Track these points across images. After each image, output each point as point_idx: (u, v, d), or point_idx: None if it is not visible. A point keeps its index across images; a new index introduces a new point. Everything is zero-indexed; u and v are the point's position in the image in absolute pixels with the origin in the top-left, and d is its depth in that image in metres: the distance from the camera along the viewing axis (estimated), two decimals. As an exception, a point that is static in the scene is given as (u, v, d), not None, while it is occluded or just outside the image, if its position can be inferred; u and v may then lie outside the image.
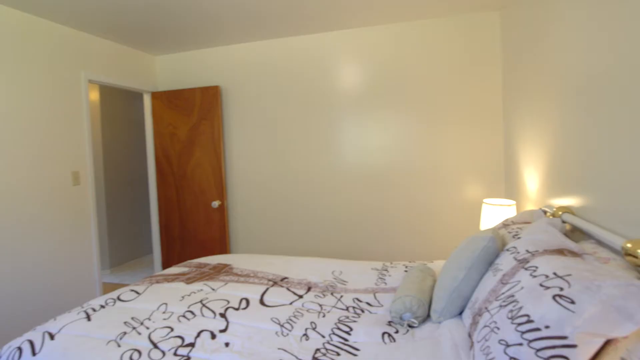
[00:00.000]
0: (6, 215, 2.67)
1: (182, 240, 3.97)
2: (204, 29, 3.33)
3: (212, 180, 3.84)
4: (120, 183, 5.04)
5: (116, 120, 5.00)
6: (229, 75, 3.88)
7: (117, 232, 4.94)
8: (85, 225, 3.26)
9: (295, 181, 3.70)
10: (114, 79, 3.59)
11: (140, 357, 1.41)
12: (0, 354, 1.54)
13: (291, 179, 3.71)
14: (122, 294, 2.01)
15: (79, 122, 3.25)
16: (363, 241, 3.55)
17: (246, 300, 1.92)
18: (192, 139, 3.89)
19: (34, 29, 2.89)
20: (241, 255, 2.74)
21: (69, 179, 3.13)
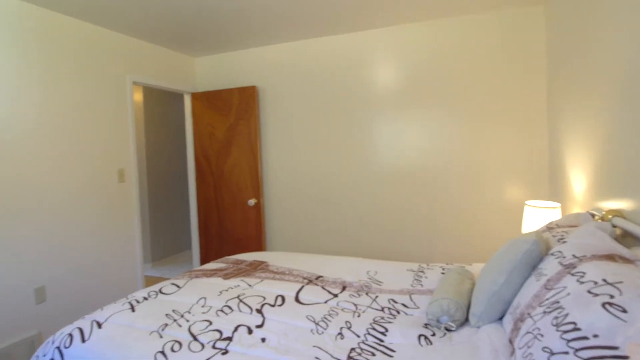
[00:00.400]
0: (59, 211, 2.84)
1: (220, 237, 4.08)
2: (241, 31, 3.40)
3: (248, 179, 3.92)
4: (162, 181, 5.23)
5: (158, 120, 5.20)
6: (265, 76, 3.94)
7: (159, 228, 5.13)
8: (129, 221, 3.42)
9: (330, 181, 3.71)
10: (156, 80, 3.74)
11: (180, 348, 1.47)
12: (54, 339, 1.64)
13: (326, 178, 3.72)
14: (164, 287, 2.09)
15: (124, 122, 3.40)
16: (398, 242, 3.51)
17: (282, 297, 1.94)
18: (230, 138, 3.99)
19: (85, 34, 3.06)
20: (276, 252, 2.78)
21: (115, 176, 3.29)
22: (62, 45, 2.89)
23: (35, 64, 2.72)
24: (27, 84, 2.66)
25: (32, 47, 2.70)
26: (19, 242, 2.60)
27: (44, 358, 1.60)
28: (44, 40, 2.78)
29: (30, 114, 2.68)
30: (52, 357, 1.58)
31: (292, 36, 3.62)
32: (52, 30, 2.83)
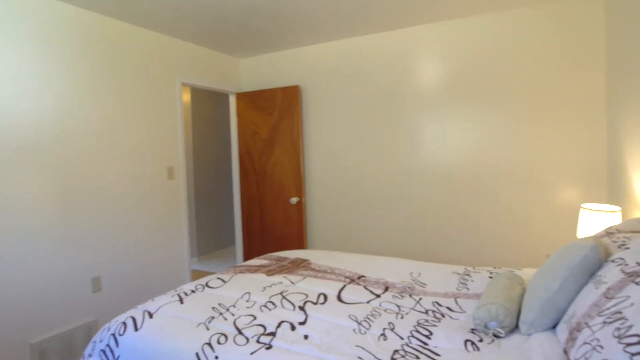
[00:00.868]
0: (113, 206, 3.01)
1: (262, 234, 4.16)
2: (283, 31, 3.45)
3: (290, 177, 3.96)
4: (208, 178, 5.41)
5: (205, 120, 5.38)
6: (307, 75, 3.97)
7: (204, 224, 5.31)
8: (177, 217, 3.56)
9: (372, 180, 3.68)
10: (203, 81, 3.87)
11: (226, 341, 1.51)
12: (110, 326, 1.74)
13: (368, 177, 3.70)
14: (210, 281, 2.16)
15: (173, 122, 3.55)
16: (441, 244, 3.42)
17: (324, 295, 1.95)
18: (273, 137, 4.05)
19: (138, 38, 3.22)
20: (318, 251, 2.79)
21: (164, 173, 3.44)
22: (118, 50, 3.06)
23: (96, 69, 2.89)
24: (89, 88, 2.84)
25: (94, 53, 2.88)
26: (78, 235, 2.78)
27: (100, 343, 1.70)
28: (104, 45, 2.95)
29: (90, 115, 2.86)
30: (107, 343, 1.67)
31: (334, 35, 3.63)
32: (111, 36, 3.00)
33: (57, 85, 2.66)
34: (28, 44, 2.51)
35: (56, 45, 2.66)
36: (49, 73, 2.62)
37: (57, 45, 2.67)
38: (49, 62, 2.62)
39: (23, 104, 2.48)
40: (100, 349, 1.68)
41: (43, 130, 2.58)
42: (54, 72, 2.65)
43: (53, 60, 2.64)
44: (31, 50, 2.52)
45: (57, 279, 2.65)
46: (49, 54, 2.62)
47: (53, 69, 2.64)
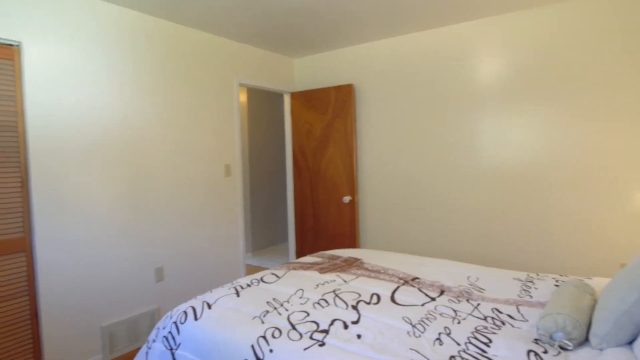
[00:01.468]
0: (175, 201, 3.18)
1: (315, 232, 4.20)
2: (337, 30, 3.45)
3: (344, 176, 3.96)
4: (262, 176, 5.56)
5: (260, 118, 5.53)
6: (361, 73, 3.95)
7: (258, 221, 5.47)
8: (234, 212, 3.69)
9: (426, 180, 3.58)
10: (259, 81, 3.97)
11: (280, 335, 1.54)
12: (172, 314, 1.84)
13: (422, 177, 3.61)
14: (265, 276, 2.22)
15: (231, 122, 3.68)
16: (501, 248, 3.26)
17: (377, 295, 1.93)
18: (326, 135, 4.07)
19: (197, 41, 3.38)
20: (371, 250, 2.77)
21: (222, 171, 3.58)
22: (180, 53, 3.23)
23: (159, 72, 3.07)
24: (152, 89, 3.02)
25: (157, 57, 3.06)
26: (143, 228, 2.97)
27: (163, 330, 1.80)
28: (166, 49, 3.12)
29: (154, 115, 3.04)
30: (170, 330, 1.77)
31: (388, 32, 3.57)
32: (171, 39, 3.17)
33: (125, 89, 2.86)
34: (99, 51, 2.71)
35: (122, 51, 2.85)
36: (118, 78, 2.82)
37: (123, 51, 2.86)
38: (117, 68, 2.82)
39: (97, 107, 2.69)
40: (163, 335, 1.78)
41: (113, 131, 2.79)
42: (121, 76, 2.84)
43: (120, 66, 2.84)
44: (102, 58, 2.73)
45: (124, 269, 2.85)
46: (117, 60, 2.82)
47: (121, 74, 2.84)
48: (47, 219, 2.44)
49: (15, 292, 2.35)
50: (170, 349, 1.71)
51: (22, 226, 2.38)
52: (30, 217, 2.40)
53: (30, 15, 2.37)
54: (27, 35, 2.36)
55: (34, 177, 2.39)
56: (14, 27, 2.31)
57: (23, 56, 2.36)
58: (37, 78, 2.40)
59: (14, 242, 2.34)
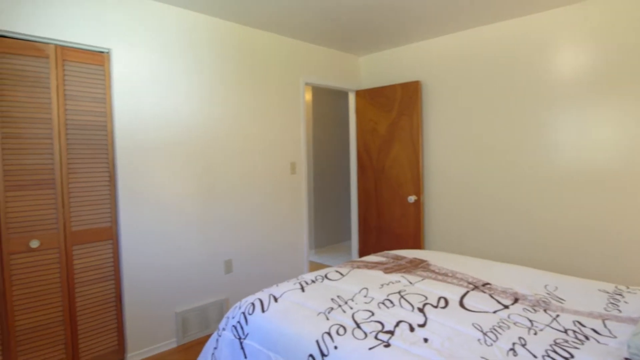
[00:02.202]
0: (244, 196, 3.31)
1: (378, 231, 4.15)
2: (404, 26, 3.37)
3: (409, 174, 3.87)
4: (326, 174, 5.61)
5: (324, 117, 5.58)
6: (428, 70, 3.82)
7: (322, 218, 5.53)
8: (299, 209, 3.76)
9: (497, 180, 3.38)
10: (325, 80, 4.00)
11: (345, 332, 1.54)
12: (240, 305, 1.92)
13: (492, 177, 3.41)
14: (329, 273, 2.23)
15: (297, 120, 3.75)
16: (581, 256, 2.99)
17: (445, 299, 1.86)
18: (392, 134, 4.00)
19: (265, 42, 3.48)
20: (438, 252, 2.68)
21: (288, 168, 3.66)
22: (250, 55, 3.35)
23: (231, 74, 3.21)
24: (222, 90, 3.17)
25: (229, 59, 3.20)
26: (215, 221, 3.12)
27: (232, 320, 1.88)
28: (235, 51, 3.26)
29: (226, 115, 3.18)
30: (239, 320, 1.84)
31: (458, 26, 3.42)
32: (241, 41, 3.30)
33: (198, 90, 3.03)
34: (177, 55, 2.90)
35: (196, 54, 3.02)
36: (193, 80, 2.99)
37: (197, 54, 3.02)
38: (192, 71, 2.99)
39: (174, 108, 2.88)
40: (232, 324, 1.86)
41: (188, 130, 2.96)
42: (195, 79, 3.01)
43: (195, 69, 3.01)
44: (179, 61, 2.91)
45: (197, 260, 3.02)
46: (192, 63, 2.99)
47: (195, 77, 3.01)
48: (129, 210, 2.66)
49: (103, 276, 2.59)
50: (238, 338, 1.79)
51: (110, 216, 2.61)
52: (116, 208, 2.63)
53: (119, 25, 2.60)
54: (115, 43, 2.58)
55: (120, 172, 2.61)
56: (104, 36, 2.54)
57: (112, 62, 2.58)
58: (122, 82, 2.62)
59: (103, 231, 2.58)
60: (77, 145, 2.45)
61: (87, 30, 2.46)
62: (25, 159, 2.27)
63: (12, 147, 2.22)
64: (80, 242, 2.48)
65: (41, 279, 2.34)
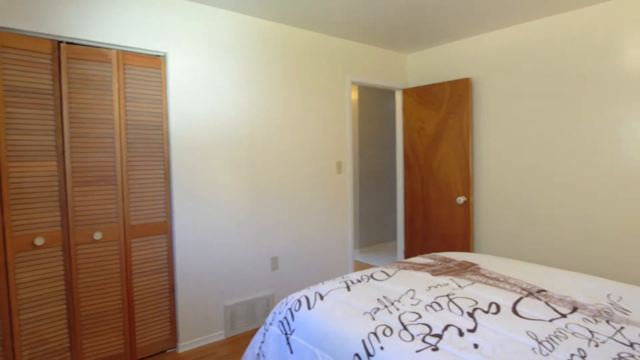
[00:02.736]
0: (290, 195, 3.36)
1: (425, 232, 4.06)
2: (453, 21, 3.27)
3: (458, 175, 3.76)
4: (371, 173, 5.57)
5: (370, 116, 5.54)
6: (479, 66, 3.68)
7: (367, 218, 5.50)
8: (344, 208, 3.76)
9: (553, 183, 3.20)
10: (371, 79, 3.97)
11: (391, 334, 1.52)
12: (287, 301, 1.95)
13: (548, 179, 3.23)
14: (375, 273, 2.22)
15: (343, 119, 3.75)
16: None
17: (496, 305, 1.79)
18: (440, 133, 3.90)
19: (311, 42, 3.51)
20: (488, 256, 2.58)
21: (334, 168, 3.67)
22: (296, 55, 3.39)
23: (277, 74, 3.27)
24: (270, 90, 3.23)
25: (275, 60, 3.26)
26: (261, 219, 3.20)
27: (279, 315, 1.92)
28: (283, 51, 3.31)
29: (273, 115, 3.25)
30: (285, 316, 1.87)
31: (512, 19, 3.27)
32: (288, 41, 3.34)
33: (247, 91, 3.11)
34: (228, 58, 2.99)
35: (246, 56, 3.10)
36: (243, 81, 3.08)
37: (247, 56, 3.10)
38: (242, 72, 3.07)
39: (225, 108, 2.98)
40: (279, 320, 1.90)
41: (237, 129, 3.05)
42: (245, 79, 3.10)
43: (245, 70, 3.09)
44: (230, 63, 3.01)
45: (244, 255, 3.11)
46: (242, 65, 3.07)
47: (245, 78, 3.09)
48: (182, 207, 2.78)
49: (158, 268, 2.73)
50: (285, 333, 1.82)
51: (165, 212, 2.74)
52: (171, 204, 2.75)
53: (174, 29, 2.72)
54: (171, 47, 2.71)
55: (174, 170, 2.74)
56: (161, 40, 2.67)
57: (167, 65, 2.71)
58: (177, 83, 2.75)
59: (159, 225, 2.72)
60: (135, 144, 2.60)
61: (145, 36, 2.60)
62: (90, 157, 2.44)
63: (79, 145, 2.40)
64: (138, 236, 2.62)
65: (103, 268, 2.50)
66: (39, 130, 2.28)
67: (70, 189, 2.37)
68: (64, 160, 2.35)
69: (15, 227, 2.20)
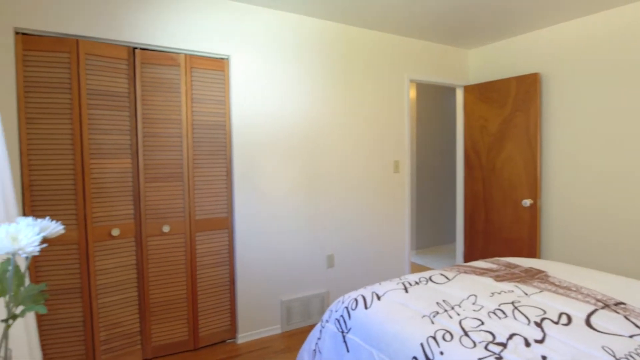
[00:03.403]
0: (346, 194, 3.37)
1: (486, 235, 3.89)
2: (520, 13, 3.08)
3: (523, 176, 3.55)
4: (429, 173, 5.42)
5: (428, 114, 5.39)
6: (549, 61, 3.45)
7: (424, 219, 5.37)
8: (400, 209, 3.70)
9: (635, 186, 2.92)
10: (430, 76, 3.86)
11: (452, 339, 1.48)
12: (343, 300, 1.96)
13: (628, 182, 2.95)
14: (433, 276, 2.16)
15: (401, 118, 3.68)
16: None
17: (567, 315, 1.67)
18: (504, 131, 3.71)
19: (369, 40, 3.48)
20: (558, 263, 2.42)
21: (391, 167, 3.62)
22: (354, 54, 3.38)
23: (336, 74, 3.28)
24: (329, 90, 3.25)
25: (334, 60, 3.27)
26: (318, 217, 3.23)
27: (335, 313, 1.93)
28: (341, 51, 3.31)
29: (331, 114, 3.26)
30: (342, 314, 1.88)
31: (585, 9, 3.02)
32: (345, 40, 3.34)
33: (307, 90, 3.15)
34: (288, 58, 3.05)
35: (306, 56, 3.14)
36: (303, 81, 3.13)
37: (306, 56, 3.15)
38: (302, 72, 3.12)
39: (284, 108, 3.04)
40: (336, 318, 1.91)
41: (296, 128, 3.10)
42: (305, 79, 3.14)
43: (304, 70, 3.13)
44: (290, 64, 3.07)
45: (301, 252, 3.16)
46: (302, 65, 3.12)
47: (305, 77, 3.14)
48: (243, 203, 2.88)
49: (220, 261, 2.85)
50: (341, 331, 1.83)
51: (227, 208, 2.86)
52: (232, 201, 2.87)
53: (237, 33, 2.83)
54: (233, 49, 2.82)
55: (236, 168, 2.85)
56: (225, 43, 2.79)
57: (231, 67, 2.82)
58: (239, 85, 2.85)
59: (221, 220, 2.84)
60: (200, 143, 2.74)
61: (211, 40, 2.73)
62: (160, 155, 2.60)
63: (150, 144, 2.57)
64: (202, 230, 2.76)
65: (170, 260, 2.66)
66: (116, 130, 2.47)
67: (142, 185, 2.54)
68: (138, 157, 2.53)
69: (95, 218, 2.41)
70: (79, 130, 2.34)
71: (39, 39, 2.25)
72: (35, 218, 1.00)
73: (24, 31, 2.22)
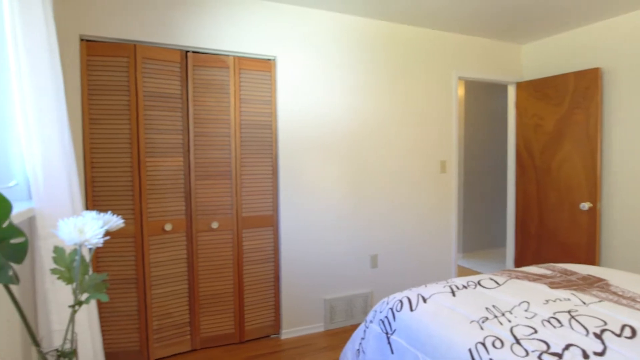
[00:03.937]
0: (391, 193, 3.33)
1: (539, 239, 3.70)
2: (579, 5, 2.89)
3: (582, 178, 3.34)
4: (478, 174, 5.24)
5: (477, 113, 5.20)
6: (611, 55, 3.21)
7: (471, 220, 5.19)
8: (447, 210, 3.60)
9: None
10: (480, 73, 3.73)
11: (502, 346, 1.42)
12: (388, 301, 1.94)
13: None
14: (482, 280, 2.09)
15: (449, 117, 3.58)
16: None
17: (631, 328, 1.56)
18: (560, 130, 3.51)
19: (416, 37, 3.41)
20: (620, 271, 2.25)
21: (437, 167, 3.53)
22: (400, 52, 3.33)
23: (382, 72, 3.24)
24: (373, 88, 3.22)
25: (379, 57, 3.24)
26: (362, 216, 3.21)
27: (380, 314, 1.91)
28: (389, 49, 3.27)
29: (375, 112, 3.24)
30: (386, 315, 1.86)
31: (666, -3, 2.78)
32: (390, 38, 3.29)
33: (351, 90, 3.14)
34: (332, 58, 3.06)
35: (350, 55, 3.13)
36: (347, 80, 3.12)
37: (351, 55, 3.13)
38: (346, 71, 3.12)
39: (328, 107, 3.05)
40: (380, 318, 1.89)
41: (340, 127, 3.11)
42: (349, 78, 3.13)
43: (348, 69, 3.13)
44: (335, 63, 3.07)
45: (345, 251, 3.16)
46: (346, 64, 3.12)
47: (348, 77, 3.13)
48: (288, 202, 2.93)
49: (265, 258, 2.91)
50: (385, 332, 1.81)
51: (272, 206, 2.92)
52: (277, 199, 2.92)
53: (282, 34, 2.87)
54: (279, 51, 2.87)
55: (281, 167, 2.90)
56: (271, 45, 2.84)
57: (277, 68, 2.87)
58: (285, 85, 2.90)
59: (266, 218, 2.90)
60: (248, 142, 2.81)
61: (258, 42, 2.79)
62: (210, 153, 2.70)
63: (201, 143, 2.67)
64: (248, 227, 2.83)
65: (218, 255, 2.75)
66: (170, 130, 2.59)
67: (193, 182, 2.65)
68: (189, 156, 2.64)
69: (150, 213, 2.54)
70: (136, 130, 2.47)
71: (101, 45, 2.40)
72: (98, 212, 1.07)
73: (88, 38, 2.38)
